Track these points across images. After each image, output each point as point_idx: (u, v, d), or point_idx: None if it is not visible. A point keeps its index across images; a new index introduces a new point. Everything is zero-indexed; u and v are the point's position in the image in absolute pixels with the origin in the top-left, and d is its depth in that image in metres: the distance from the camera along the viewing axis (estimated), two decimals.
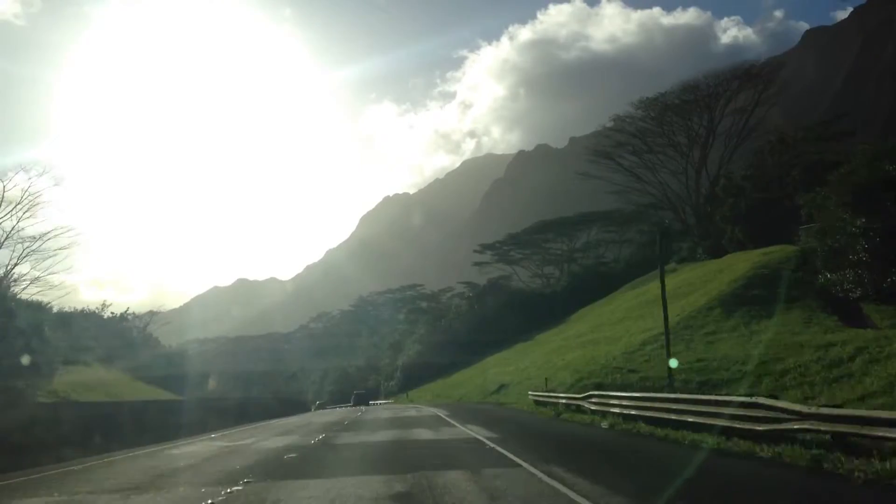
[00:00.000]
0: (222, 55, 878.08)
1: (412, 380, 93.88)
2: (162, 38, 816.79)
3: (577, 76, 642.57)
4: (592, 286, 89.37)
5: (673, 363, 26.64)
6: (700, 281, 50.95)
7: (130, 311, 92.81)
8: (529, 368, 50.51)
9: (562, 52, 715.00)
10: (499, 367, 62.44)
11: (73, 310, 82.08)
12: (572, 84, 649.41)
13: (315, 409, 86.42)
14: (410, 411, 42.60)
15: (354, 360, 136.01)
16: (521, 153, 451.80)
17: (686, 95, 77.23)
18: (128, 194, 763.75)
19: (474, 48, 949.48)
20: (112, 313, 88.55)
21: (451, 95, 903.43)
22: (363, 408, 67.95)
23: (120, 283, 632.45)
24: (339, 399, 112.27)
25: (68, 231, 46.39)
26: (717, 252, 68.74)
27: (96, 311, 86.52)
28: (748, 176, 65.36)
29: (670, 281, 66.34)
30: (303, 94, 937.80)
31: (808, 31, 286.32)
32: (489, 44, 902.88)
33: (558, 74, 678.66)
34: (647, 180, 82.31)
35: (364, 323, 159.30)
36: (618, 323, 51.26)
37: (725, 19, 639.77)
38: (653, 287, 65.94)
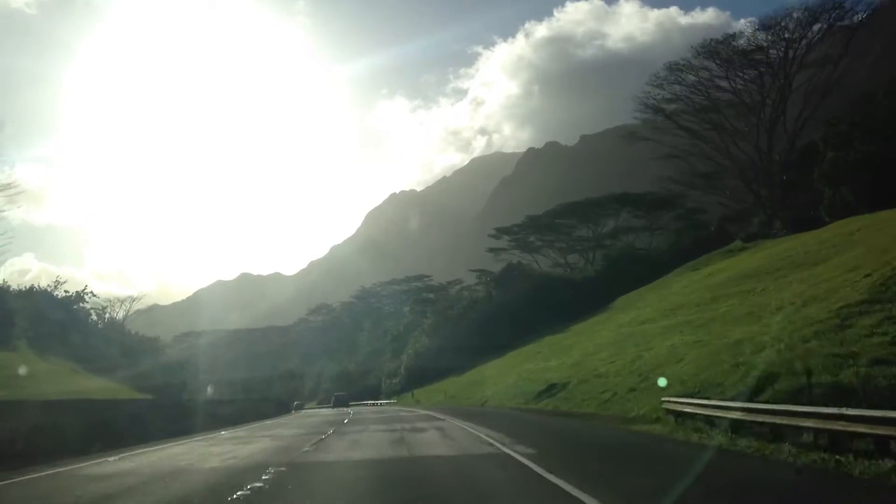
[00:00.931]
0: (232, 48, 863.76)
1: (419, 377, 78.46)
2: (170, 30, 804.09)
3: (592, 75, 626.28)
4: (632, 272, 74.05)
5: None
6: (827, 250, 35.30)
7: (88, 289, 77.04)
8: (588, 363, 35.15)
9: (578, 50, 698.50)
10: (535, 363, 47.16)
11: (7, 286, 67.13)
12: (587, 82, 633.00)
13: (293, 411, 71.08)
14: (421, 423, 27.53)
15: (355, 355, 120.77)
16: (530, 150, 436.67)
17: (758, 39, 61.84)
18: (134, 187, 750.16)
19: (489, 44, 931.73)
20: (66, 292, 73.09)
21: (464, 92, 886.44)
22: (349, 411, 54.94)
23: (124, 277, 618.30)
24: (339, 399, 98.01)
25: None
26: (802, 224, 53.43)
27: (47, 290, 71.27)
28: (854, 123, 49.76)
29: (760, 256, 51.22)
30: (313, 89, 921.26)
31: None
32: (504, 40, 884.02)
33: (573, 72, 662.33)
34: (708, 142, 66.81)
35: (366, 316, 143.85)
36: (714, 302, 35.56)
37: (743, 20, 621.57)
38: (738, 262, 50.49)
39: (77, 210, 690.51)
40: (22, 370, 42.91)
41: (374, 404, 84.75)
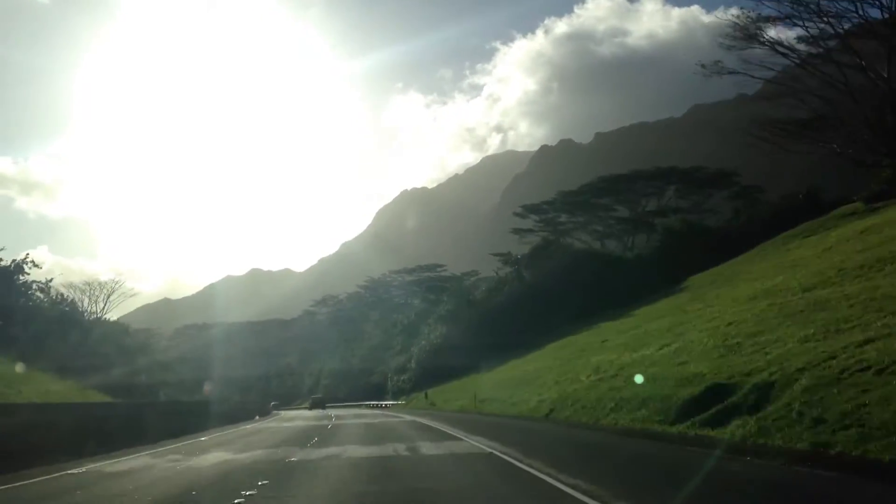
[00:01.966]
0: (246, 43, 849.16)
1: (433, 373, 62.22)
2: (183, 26, 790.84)
3: (611, 72, 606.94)
4: (701, 249, 58.19)
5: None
6: None
7: (30, 258, 60.85)
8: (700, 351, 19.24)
9: (598, 47, 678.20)
10: (606, 354, 31.15)
11: None
12: (606, 80, 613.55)
13: (261, 418, 54.67)
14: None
15: (359, 349, 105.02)
16: (543, 147, 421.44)
17: None
18: (148, 182, 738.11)
19: (507, 40, 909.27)
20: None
21: (480, 88, 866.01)
22: (327, 420, 39.22)
23: (136, 271, 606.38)
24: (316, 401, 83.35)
25: None
26: None
27: None
28: None
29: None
30: (327, 84, 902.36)
31: None
32: (523, 36, 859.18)
33: (592, 70, 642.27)
34: (820, 74, 50.25)
35: (373, 307, 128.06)
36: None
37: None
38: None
39: (91, 204, 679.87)
40: None
41: (378, 406, 68.78)
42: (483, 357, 54.72)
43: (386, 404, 66.89)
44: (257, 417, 44.51)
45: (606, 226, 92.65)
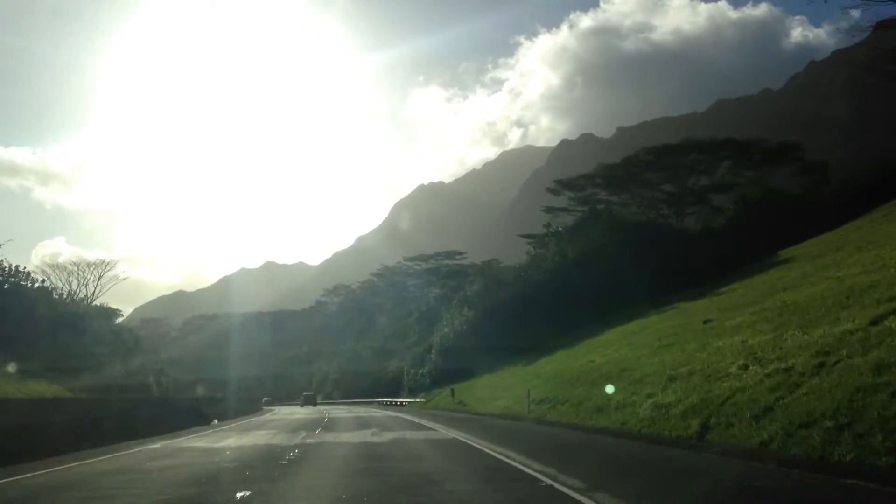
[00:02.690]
0: (267, 35, 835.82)
1: (458, 366, 50.69)
2: (204, 18, 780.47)
3: (635, 68, 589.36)
4: (783, 220, 46.78)
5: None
6: None
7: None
8: None
9: (623, 43, 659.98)
10: (730, 337, 20.04)
11: None
12: (630, 76, 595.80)
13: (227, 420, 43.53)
14: None
15: (371, 340, 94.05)
16: (563, 142, 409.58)
17: None
18: (165, 175, 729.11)
19: (532, 34, 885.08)
20: None
21: (502, 82, 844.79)
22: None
23: (153, 263, 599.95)
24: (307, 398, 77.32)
25: None
26: None
27: None
28: None
29: None
30: (347, 76, 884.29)
31: None
32: (548, 31, 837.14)
33: (616, 65, 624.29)
34: None
35: (387, 297, 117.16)
36: None
37: (795, 17, 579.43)
38: None
39: (108, 195, 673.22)
40: None
41: (393, 404, 57.92)
42: (520, 346, 43.50)
43: (402, 402, 55.91)
44: (215, 421, 33.61)
45: (650, 204, 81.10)
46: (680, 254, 47.14)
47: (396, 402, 57.95)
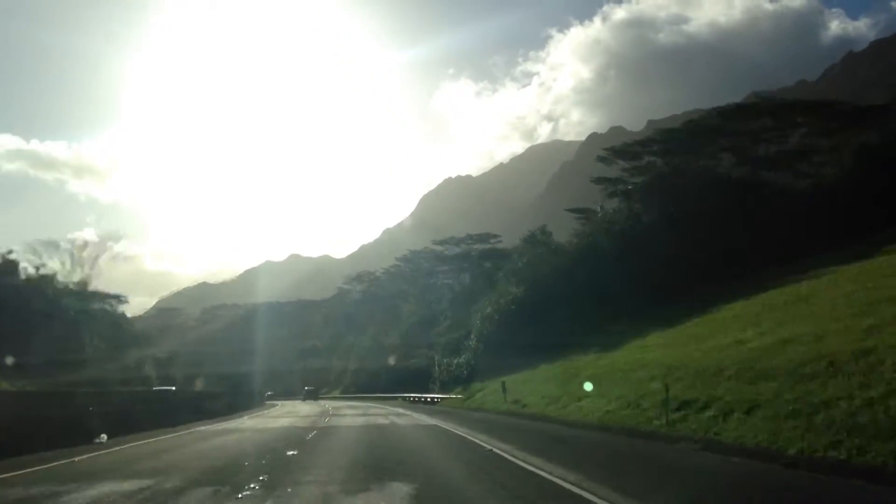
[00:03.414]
0: (294, 28, 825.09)
1: (502, 354, 39.65)
2: (230, 13, 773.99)
3: (670, 60, 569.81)
4: None
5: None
6: None
7: None
8: None
9: (658, 35, 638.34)
10: None
11: None
12: (664, 68, 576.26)
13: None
14: None
15: (397, 328, 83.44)
16: (593, 135, 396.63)
17: None
18: (193, 168, 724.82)
19: (564, 27, 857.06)
20: None
21: (532, 76, 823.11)
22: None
23: (182, 256, 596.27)
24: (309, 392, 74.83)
25: None
26: None
27: None
28: None
29: None
30: (376, 70, 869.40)
31: None
32: (580, 23, 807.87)
33: (649, 58, 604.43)
34: None
35: (414, 283, 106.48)
36: None
37: (833, 9, 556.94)
38: None
39: (138, 188, 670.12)
40: None
41: (422, 400, 47.30)
42: (592, 327, 32.51)
43: (434, 399, 45.07)
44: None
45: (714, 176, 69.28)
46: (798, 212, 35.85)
47: (426, 398, 47.21)
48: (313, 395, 74.46)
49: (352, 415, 32.24)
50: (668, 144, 68.85)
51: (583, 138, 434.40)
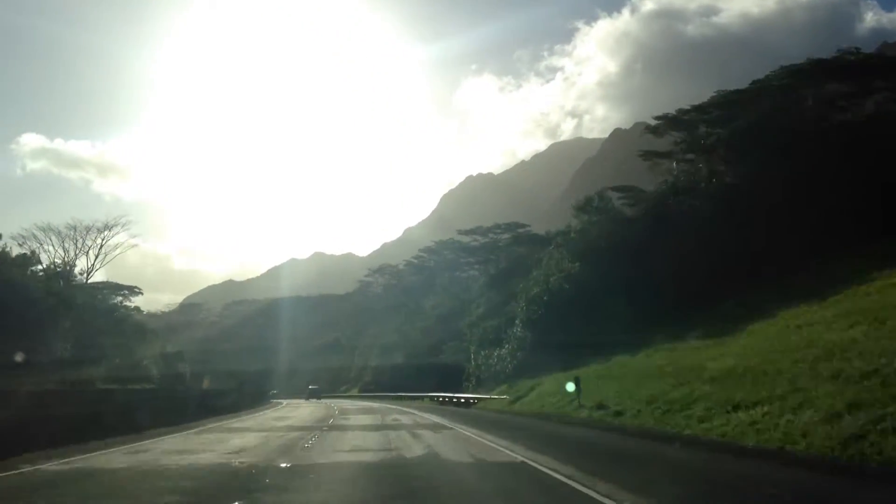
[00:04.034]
0: (316, 25, 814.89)
1: (554, 344, 30.83)
2: (253, 12, 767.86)
3: (699, 53, 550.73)
4: None
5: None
6: None
7: None
8: None
9: (687, 27, 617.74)
10: None
11: None
12: (693, 61, 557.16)
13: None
14: None
15: (422, 321, 74.91)
16: (616, 131, 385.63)
17: None
18: (216, 167, 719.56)
19: (591, 19, 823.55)
20: None
21: (557, 70, 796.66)
22: None
23: (208, 254, 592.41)
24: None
25: None
26: None
27: None
28: None
29: None
30: (397, 67, 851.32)
31: None
32: (609, 15, 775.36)
33: (679, 50, 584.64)
34: None
35: (439, 275, 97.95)
36: None
37: (868, 0, 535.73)
38: None
39: (163, 187, 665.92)
40: None
41: (455, 400, 38.63)
42: (685, 309, 23.68)
43: (471, 400, 36.18)
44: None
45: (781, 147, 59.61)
46: None
47: (458, 398, 38.49)
48: (316, 395, 75.67)
49: (360, 426, 22.85)
50: (731, 109, 59.76)
51: (606, 135, 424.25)
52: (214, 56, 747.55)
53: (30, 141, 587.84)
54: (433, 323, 67.67)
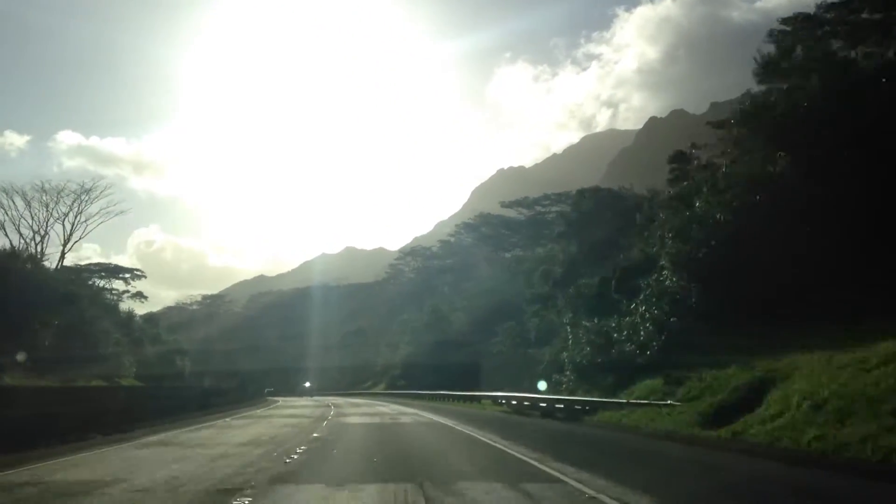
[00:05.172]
0: (347, 25, 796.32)
1: (707, 321, 16.03)
2: (280, 9, 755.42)
3: (741, 40, 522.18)
4: None
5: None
6: None
7: None
8: None
9: (732, 13, 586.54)
10: None
11: None
12: (734, 49, 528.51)
13: None
14: None
15: (462, 302, 60.04)
16: (652, 119, 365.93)
17: None
18: (248, 163, 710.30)
19: (631, 5, 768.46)
20: None
21: (594, 58, 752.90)
22: None
23: (240, 249, 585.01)
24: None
25: None
26: None
27: None
28: None
29: None
30: (431, 58, 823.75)
31: None
32: (650, 0, 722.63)
33: (721, 36, 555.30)
34: None
35: (479, 254, 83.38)
36: None
37: None
38: None
39: (197, 184, 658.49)
40: None
41: (528, 404, 23.30)
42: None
43: (576, 405, 20.31)
44: None
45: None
46: None
47: (538, 400, 23.17)
48: (310, 393, 78.43)
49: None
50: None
51: (640, 126, 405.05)
52: (247, 54, 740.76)
53: (66, 139, 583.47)
54: (464, 314, 52.53)
